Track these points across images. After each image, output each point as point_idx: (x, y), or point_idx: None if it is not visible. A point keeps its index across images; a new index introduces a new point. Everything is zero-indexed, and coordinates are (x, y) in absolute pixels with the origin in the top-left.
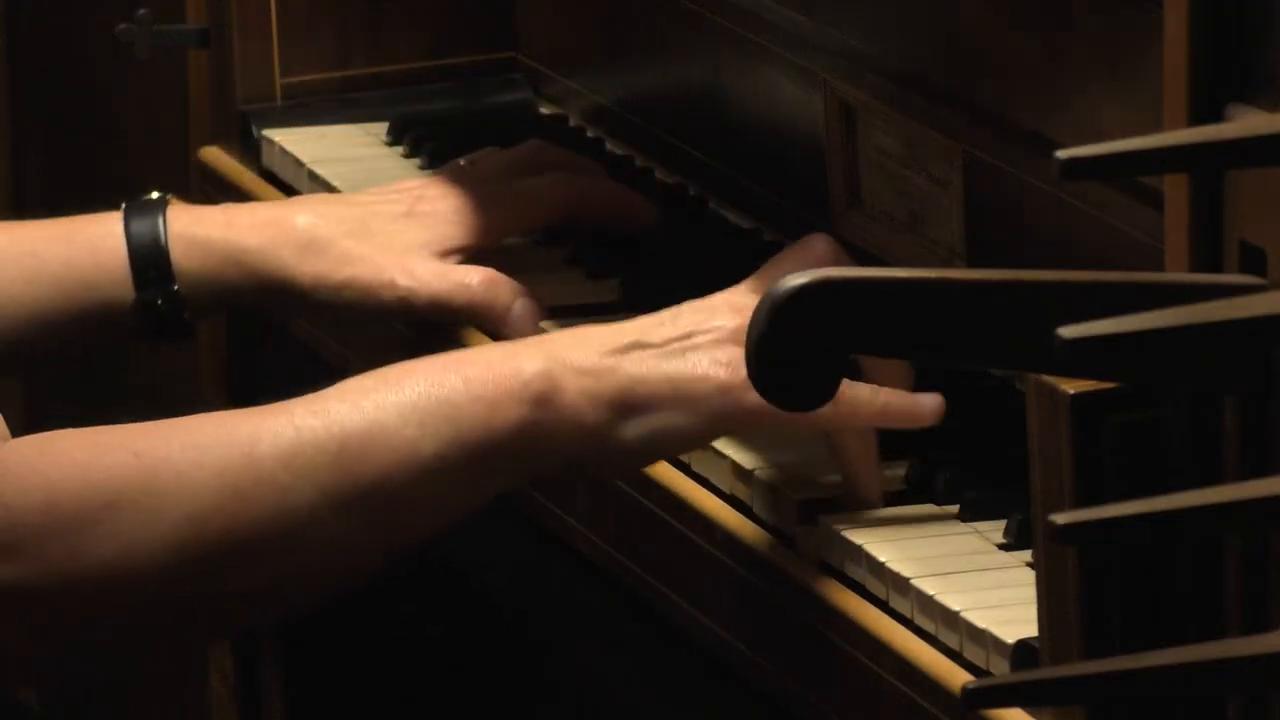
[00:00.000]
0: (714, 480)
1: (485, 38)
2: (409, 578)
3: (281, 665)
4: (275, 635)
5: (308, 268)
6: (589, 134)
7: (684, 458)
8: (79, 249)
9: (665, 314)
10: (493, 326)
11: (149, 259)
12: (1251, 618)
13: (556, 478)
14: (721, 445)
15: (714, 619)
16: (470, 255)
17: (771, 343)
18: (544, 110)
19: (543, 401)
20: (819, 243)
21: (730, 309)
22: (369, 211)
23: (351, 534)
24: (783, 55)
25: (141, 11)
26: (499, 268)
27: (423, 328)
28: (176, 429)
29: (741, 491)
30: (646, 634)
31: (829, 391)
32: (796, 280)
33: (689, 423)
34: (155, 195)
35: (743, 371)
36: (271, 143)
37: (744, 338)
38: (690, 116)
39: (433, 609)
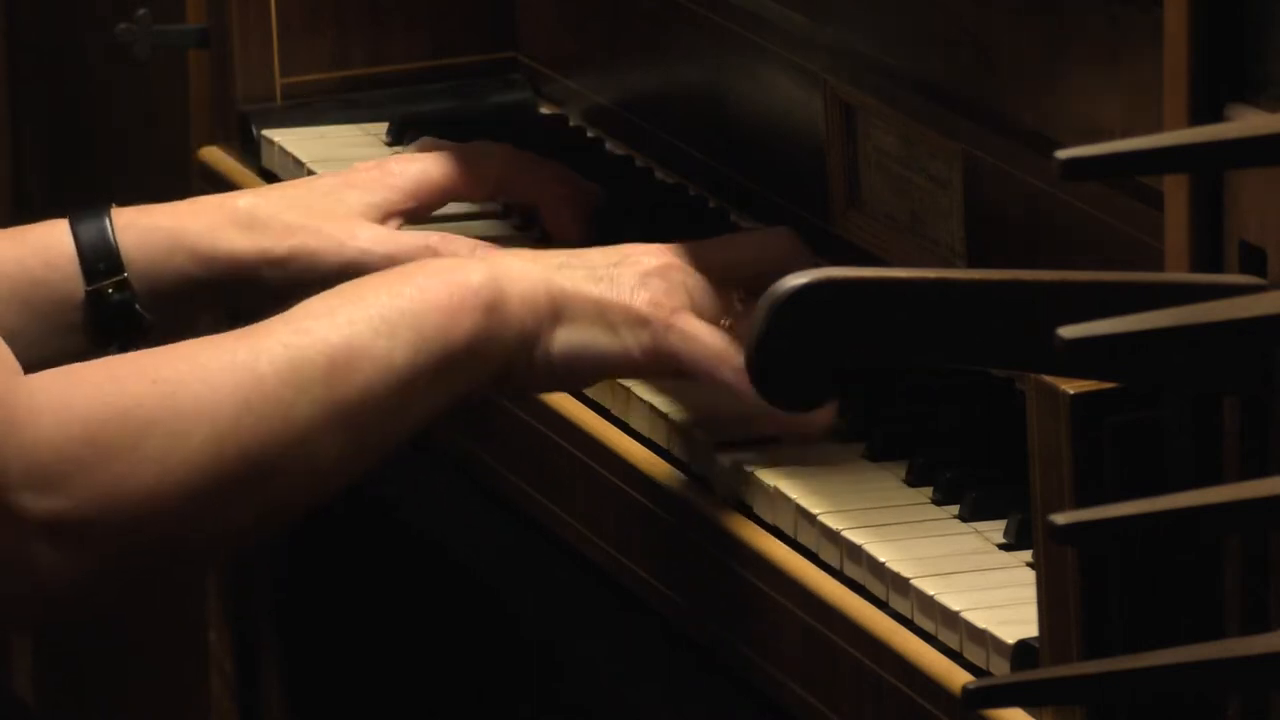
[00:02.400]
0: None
1: (485, 38)
2: (408, 578)
3: (281, 665)
4: (275, 634)
5: (251, 243)
6: (589, 134)
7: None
8: (29, 249)
9: (597, 249)
10: None
11: (98, 251)
12: (1251, 618)
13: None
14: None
15: (708, 614)
16: (410, 222)
17: (771, 343)
18: (544, 110)
19: (491, 308)
20: (781, 234)
21: (659, 253)
22: (307, 188)
23: (344, 441)
24: (783, 55)
25: (141, 11)
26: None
27: None
28: (182, 355)
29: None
30: (646, 633)
31: (829, 392)
32: (796, 280)
33: (608, 344)
34: (100, 206)
35: (663, 309)
36: (271, 143)
37: (668, 279)
38: (690, 116)
39: (432, 609)
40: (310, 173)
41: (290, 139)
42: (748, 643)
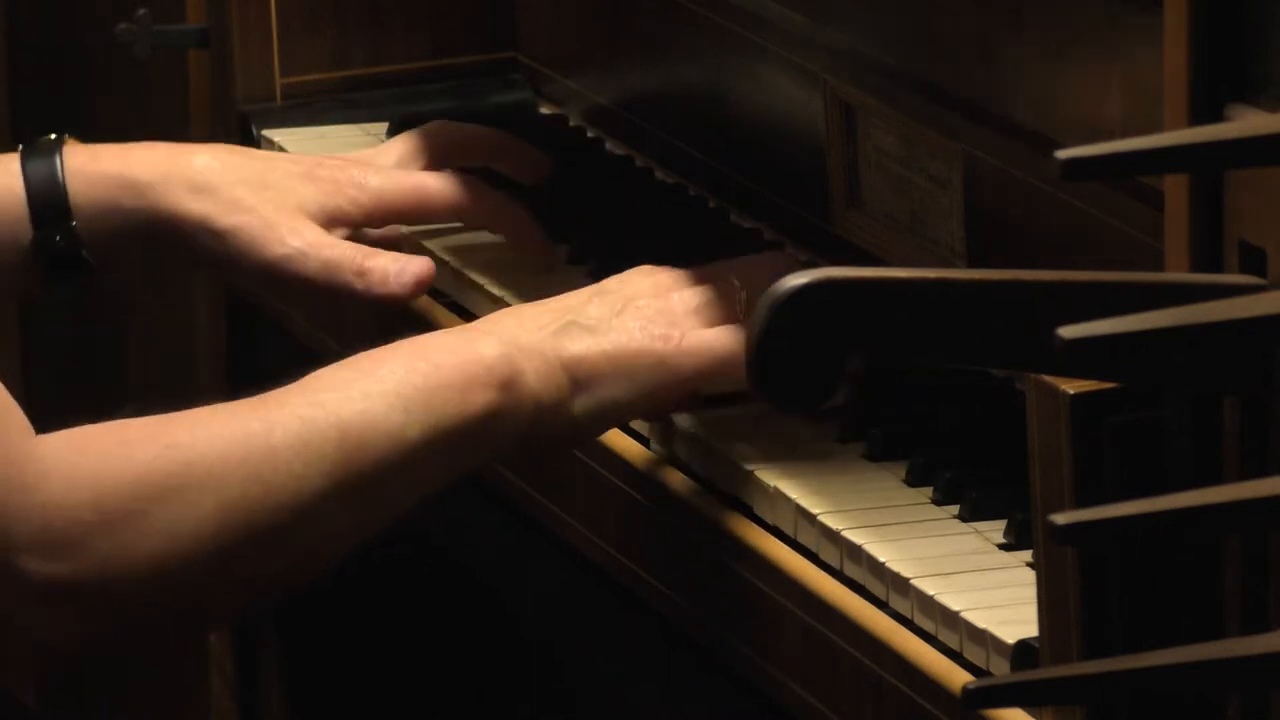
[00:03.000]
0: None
1: (485, 38)
2: (409, 578)
3: (281, 665)
4: (275, 634)
5: (196, 207)
6: (589, 134)
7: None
8: None
9: (589, 292)
10: (383, 297)
11: (46, 196)
12: (1251, 618)
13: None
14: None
15: (708, 615)
16: (353, 235)
17: (771, 343)
18: (544, 110)
19: (506, 385)
20: (777, 260)
21: (653, 289)
22: (268, 165)
23: (353, 515)
24: (783, 55)
25: (141, 11)
26: (501, 265)
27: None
28: (196, 422)
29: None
30: (646, 633)
31: (829, 391)
32: (796, 280)
33: (628, 395)
34: (53, 136)
35: (673, 340)
36: (271, 143)
37: (670, 313)
38: (690, 116)
39: (433, 609)
40: None
41: (290, 139)
42: (748, 643)
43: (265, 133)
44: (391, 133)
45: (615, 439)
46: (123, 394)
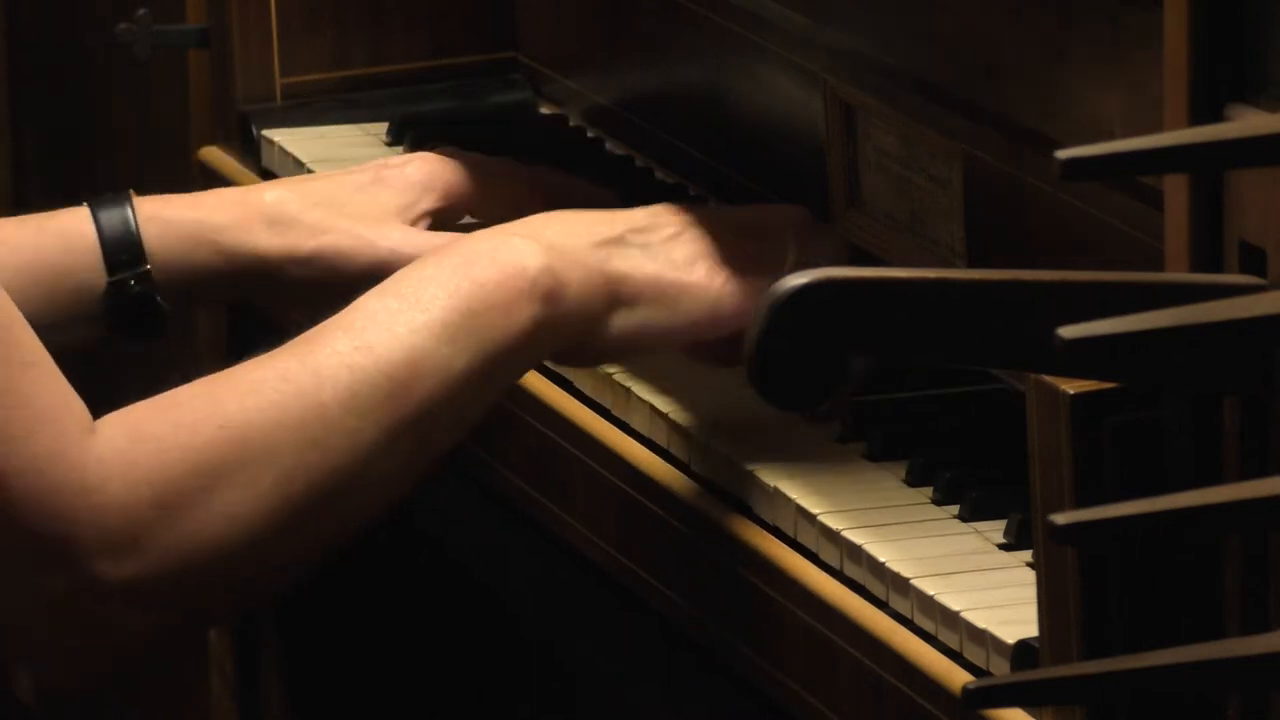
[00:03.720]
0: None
1: (485, 38)
2: (409, 578)
3: (281, 665)
4: (275, 634)
5: (278, 241)
6: (589, 134)
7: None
8: (50, 237)
9: (644, 211)
10: None
11: (120, 242)
12: (1251, 618)
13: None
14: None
15: (708, 615)
16: (439, 223)
17: (771, 342)
18: (544, 110)
19: (549, 297)
20: (794, 209)
21: (708, 225)
22: (335, 184)
23: (408, 457)
24: (783, 55)
25: (141, 11)
26: None
27: None
28: (243, 389)
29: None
30: (646, 633)
31: (829, 391)
32: (796, 280)
33: (668, 320)
34: (114, 193)
35: (718, 278)
36: (271, 143)
37: (722, 254)
38: (690, 116)
39: (433, 609)
40: (310, 173)
41: (290, 139)
42: (748, 643)
43: (265, 133)
44: (392, 133)
45: (615, 439)
46: (123, 395)
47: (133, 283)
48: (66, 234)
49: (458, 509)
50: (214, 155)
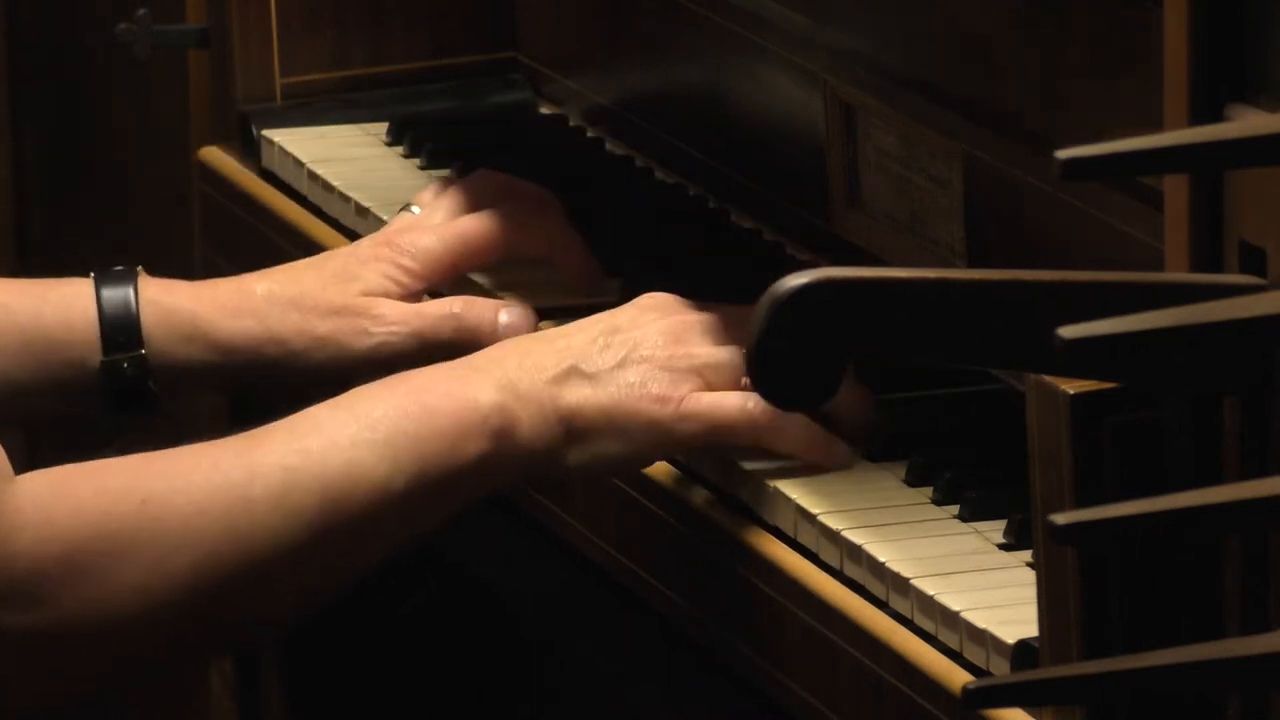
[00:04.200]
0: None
1: (485, 38)
2: (409, 578)
3: (281, 665)
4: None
5: (275, 329)
6: (589, 134)
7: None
8: (51, 307)
9: (598, 329)
10: (483, 345)
11: (119, 322)
12: (1251, 618)
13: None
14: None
15: (708, 615)
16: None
17: (771, 343)
18: (544, 110)
19: (499, 435)
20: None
21: (662, 335)
22: (321, 267)
23: (332, 564)
24: (783, 55)
25: (141, 11)
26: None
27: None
28: (175, 469)
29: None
30: (646, 633)
31: (829, 392)
32: (796, 280)
33: (622, 450)
34: (122, 268)
35: (671, 403)
36: (271, 143)
37: (673, 367)
38: (690, 116)
39: (432, 609)
40: (310, 172)
41: (290, 139)
42: (748, 643)
43: (265, 133)
44: (392, 133)
45: None
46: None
47: (126, 365)
48: (68, 307)
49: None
50: (214, 155)
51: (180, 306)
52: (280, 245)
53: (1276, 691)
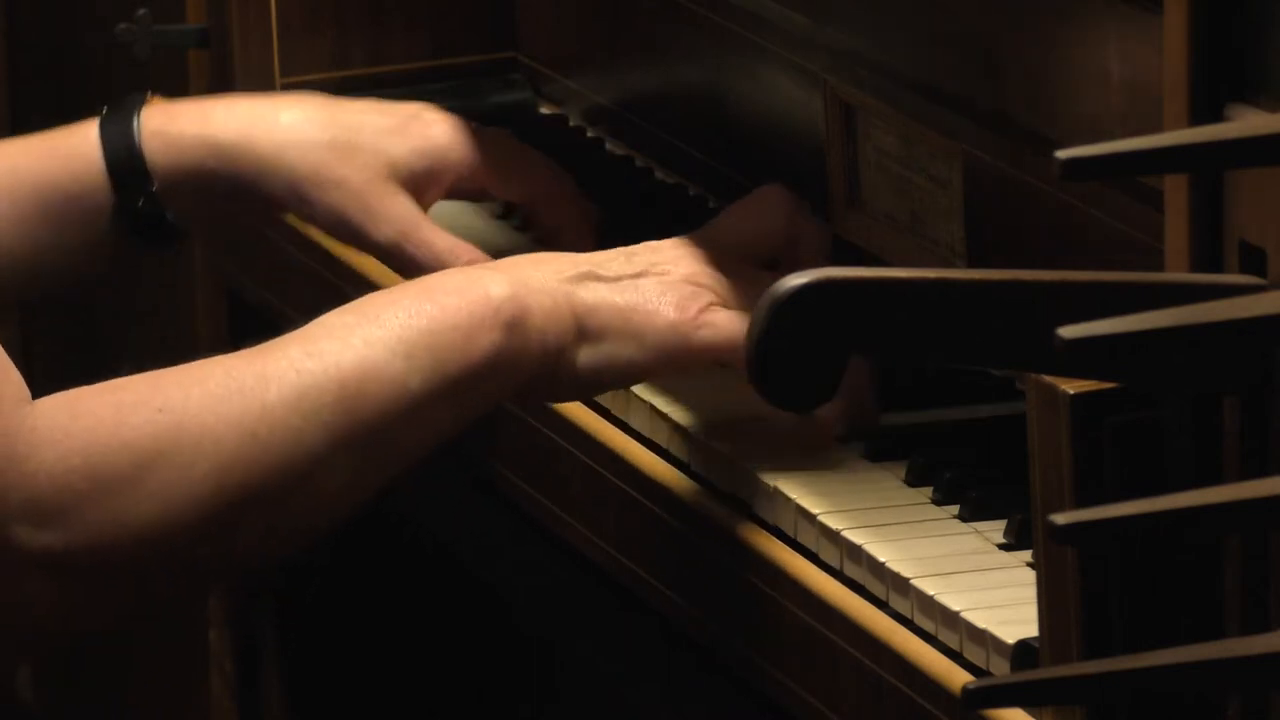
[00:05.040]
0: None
1: (485, 38)
2: (408, 578)
3: (281, 665)
4: (275, 634)
5: (284, 171)
6: (589, 134)
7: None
8: (57, 161)
9: (618, 251)
10: None
11: (124, 161)
12: (1251, 618)
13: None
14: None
15: (708, 614)
16: (450, 189)
17: (771, 342)
18: (544, 110)
19: (512, 325)
20: (773, 192)
21: (684, 257)
22: (357, 120)
23: (355, 469)
24: (783, 55)
25: (141, 11)
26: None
27: None
28: (189, 380)
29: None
30: (645, 632)
31: (829, 391)
32: (796, 280)
33: (635, 354)
34: (130, 97)
35: (690, 311)
36: None
37: (694, 282)
38: (690, 116)
39: (432, 608)
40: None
41: None
42: (747, 643)
43: None
44: None
45: (615, 439)
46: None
47: (140, 202)
48: (73, 156)
49: (458, 508)
50: None
51: (186, 132)
52: (281, 245)
53: (1276, 691)
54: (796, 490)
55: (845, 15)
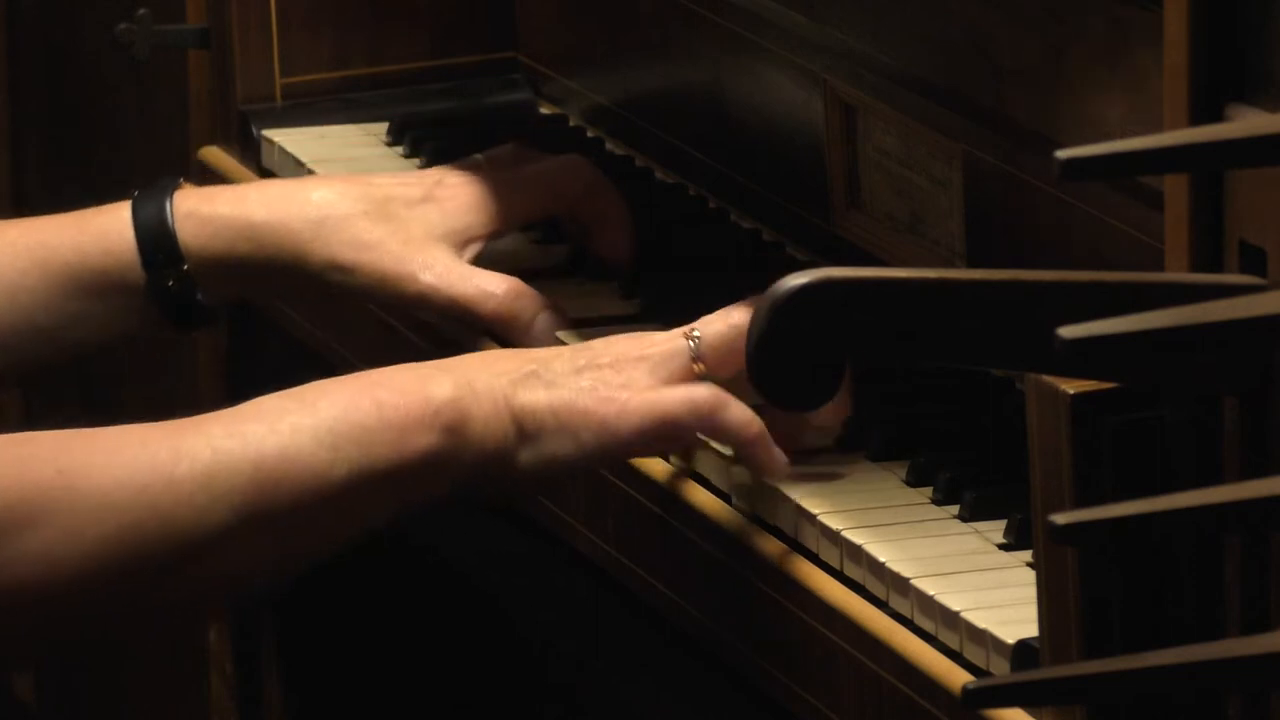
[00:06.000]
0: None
1: (485, 38)
2: (408, 579)
3: (281, 665)
4: (275, 634)
5: (320, 246)
6: (589, 134)
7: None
8: (89, 236)
9: (570, 348)
10: (514, 339)
11: (155, 239)
12: (1251, 618)
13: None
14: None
15: (709, 615)
16: (487, 241)
17: (771, 343)
18: (544, 110)
19: (451, 429)
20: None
21: (629, 350)
22: (386, 194)
23: (263, 552)
24: (783, 55)
25: (141, 11)
26: (495, 268)
27: (432, 337)
28: (100, 444)
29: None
30: (645, 633)
31: (828, 391)
32: (796, 280)
33: (572, 452)
34: (167, 179)
35: (616, 404)
36: (271, 143)
37: (628, 374)
38: (690, 116)
39: (432, 609)
40: (310, 173)
41: (290, 139)
42: (747, 642)
43: (265, 133)
44: (392, 133)
45: None
46: (121, 400)
47: (170, 282)
48: (105, 233)
49: (456, 510)
50: (214, 155)
51: (219, 213)
52: None
53: (1276, 691)
54: (797, 490)
55: (845, 15)
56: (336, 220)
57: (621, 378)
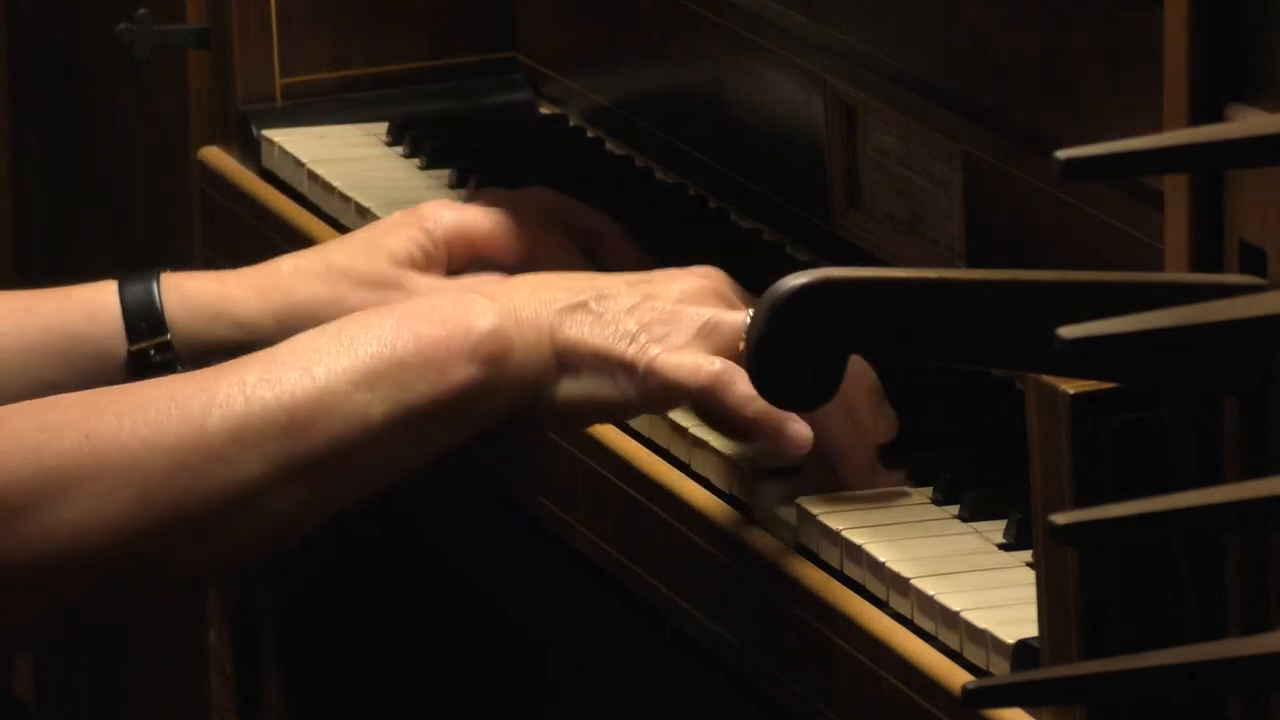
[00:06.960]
0: (713, 480)
1: (485, 38)
2: (408, 578)
3: (281, 665)
4: (275, 634)
5: (299, 315)
6: (589, 134)
7: (684, 458)
8: (73, 304)
9: (626, 277)
10: None
11: (141, 311)
12: (1251, 618)
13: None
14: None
15: (709, 615)
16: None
17: (772, 342)
18: (544, 110)
19: (491, 361)
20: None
21: (682, 292)
22: (349, 240)
23: (300, 501)
24: (783, 55)
25: (141, 11)
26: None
27: None
28: (126, 404)
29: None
30: (645, 633)
31: (829, 391)
32: (796, 280)
33: (613, 394)
34: (155, 268)
35: (648, 355)
36: (271, 143)
37: (673, 325)
38: (690, 116)
39: (433, 609)
40: (310, 172)
41: (290, 139)
42: (747, 642)
43: (265, 133)
44: (392, 133)
45: (615, 438)
46: None
47: (153, 352)
48: (90, 302)
49: (458, 509)
50: (214, 155)
51: (204, 290)
52: (281, 245)
53: (1276, 691)
54: (796, 490)
55: (845, 15)
56: (309, 276)
57: (670, 330)
